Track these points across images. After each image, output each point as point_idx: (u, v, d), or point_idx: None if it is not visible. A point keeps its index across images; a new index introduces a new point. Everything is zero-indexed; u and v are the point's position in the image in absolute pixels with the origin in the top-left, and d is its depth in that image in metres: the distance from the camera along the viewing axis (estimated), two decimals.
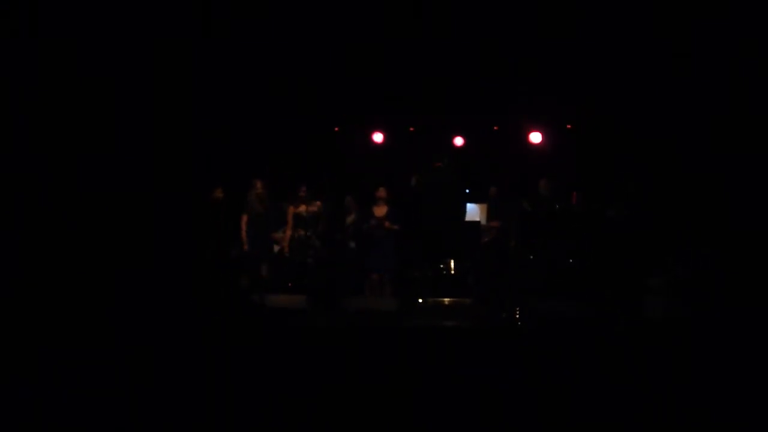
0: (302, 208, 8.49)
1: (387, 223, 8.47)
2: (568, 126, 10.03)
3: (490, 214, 8.40)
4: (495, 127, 10.33)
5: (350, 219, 8.75)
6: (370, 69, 8.98)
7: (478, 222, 8.39)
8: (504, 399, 4.73)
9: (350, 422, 4.41)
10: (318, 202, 8.56)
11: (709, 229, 8.15)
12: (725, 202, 8.25)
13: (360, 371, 5.21)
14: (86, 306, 6.87)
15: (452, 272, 9.26)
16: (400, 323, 7.44)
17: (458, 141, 10.36)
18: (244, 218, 8.36)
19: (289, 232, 8.58)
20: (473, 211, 8.44)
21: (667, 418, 4.39)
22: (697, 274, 7.69)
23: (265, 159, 9.50)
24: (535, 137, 9.99)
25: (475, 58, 8.76)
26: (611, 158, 9.28)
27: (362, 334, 6.48)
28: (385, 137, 10.51)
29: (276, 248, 8.72)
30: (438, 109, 10.12)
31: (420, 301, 8.22)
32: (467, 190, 9.61)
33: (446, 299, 7.75)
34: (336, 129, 10.63)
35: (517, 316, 7.63)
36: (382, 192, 8.57)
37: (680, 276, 7.76)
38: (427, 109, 10.12)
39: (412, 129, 10.56)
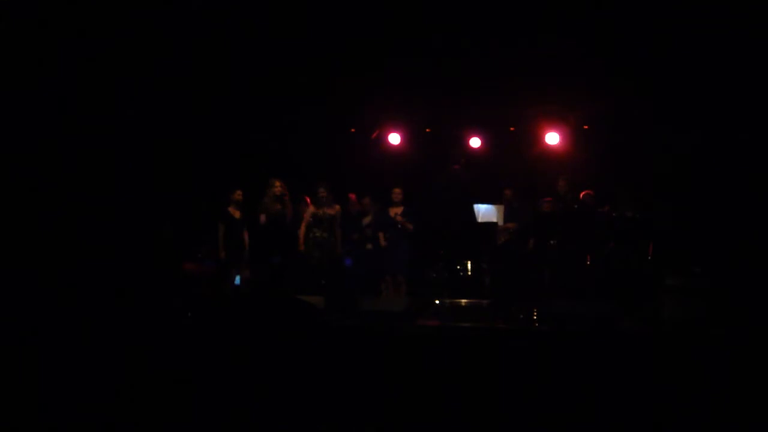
0: (320, 210, 8.49)
1: (399, 217, 8.45)
2: (585, 126, 9.99)
3: (507, 216, 8.38)
4: (511, 128, 10.31)
5: (367, 220, 8.76)
6: (386, 69, 8.99)
7: (495, 223, 8.37)
8: (521, 400, 4.72)
9: (368, 423, 4.42)
10: (337, 206, 8.55)
11: (725, 230, 8.12)
12: (742, 202, 8.21)
13: (376, 372, 5.21)
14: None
15: (469, 273, 9.25)
16: (417, 324, 7.44)
17: (475, 142, 10.34)
18: (262, 218, 8.35)
19: (303, 230, 8.56)
20: (490, 213, 8.42)
21: (681, 419, 4.37)
22: (714, 274, 7.66)
23: (281, 160, 9.55)
24: (552, 138, 9.96)
25: (490, 59, 8.75)
26: (628, 159, 9.24)
27: (378, 335, 6.48)
28: (402, 138, 10.52)
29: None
30: (454, 110, 10.12)
31: (437, 302, 8.22)
32: (483, 191, 9.61)
33: (463, 300, 7.74)
34: (352, 130, 10.65)
35: (535, 317, 7.61)
36: (398, 193, 8.57)
37: (698, 276, 7.73)
38: (444, 110, 10.13)
39: (428, 130, 10.55)
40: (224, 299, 7.78)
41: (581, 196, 8.20)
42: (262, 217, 8.37)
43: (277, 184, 8.33)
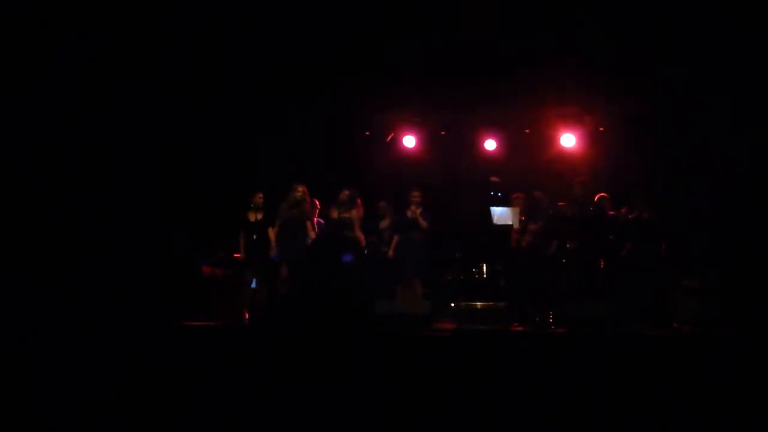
0: (335, 214, 8.53)
1: (414, 209, 8.43)
2: (601, 128, 9.97)
3: (529, 218, 8.36)
4: (527, 130, 10.30)
5: (384, 224, 8.76)
6: (401, 71, 9.00)
7: (510, 226, 8.33)
8: (536, 402, 4.73)
9: (384, 424, 4.44)
10: (353, 209, 8.57)
11: (741, 231, 8.08)
12: (759, 203, 8.17)
13: (392, 374, 5.23)
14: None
15: (484, 276, 9.24)
16: (432, 327, 7.45)
17: (490, 144, 10.34)
18: (277, 223, 8.40)
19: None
20: (505, 215, 8.37)
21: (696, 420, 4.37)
22: (730, 276, 7.63)
23: (296, 163, 9.59)
24: (567, 140, 9.93)
25: (505, 61, 8.75)
26: (644, 160, 9.21)
27: (394, 338, 6.50)
28: (417, 141, 10.53)
29: None
30: (470, 112, 10.12)
31: (452, 304, 8.22)
32: (499, 194, 9.59)
33: (478, 303, 7.74)
34: (367, 133, 10.68)
35: (551, 320, 7.61)
36: (416, 195, 8.56)
37: (714, 277, 7.70)
38: (459, 112, 10.13)
39: (443, 132, 10.57)
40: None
41: (596, 199, 8.17)
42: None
43: (300, 189, 8.32)
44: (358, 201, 8.92)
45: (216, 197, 9.41)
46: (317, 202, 8.75)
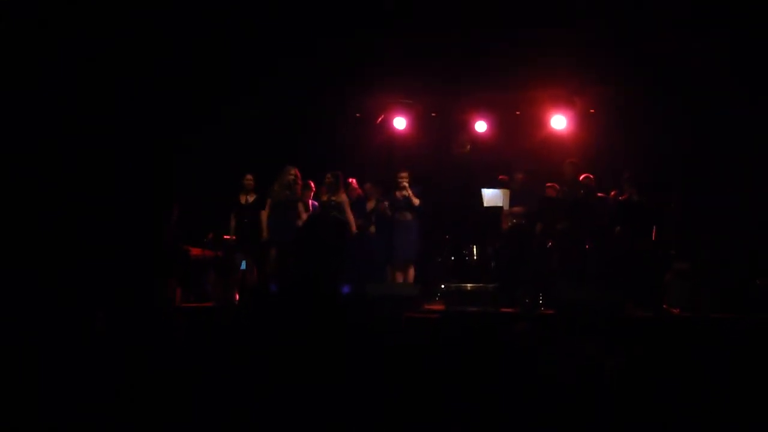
0: (324, 198, 8.49)
1: (404, 188, 8.41)
2: (591, 110, 9.94)
3: (515, 200, 8.34)
4: (517, 112, 10.26)
5: (370, 205, 8.74)
6: (392, 53, 8.95)
7: (501, 208, 8.32)
8: (526, 386, 4.73)
9: (379, 413, 4.44)
10: (343, 192, 8.54)
11: (734, 215, 8.09)
12: (749, 187, 8.19)
13: (383, 358, 5.23)
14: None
15: (474, 258, 9.24)
16: (423, 308, 7.46)
17: (480, 126, 10.29)
18: (268, 202, 8.37)
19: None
20: (496, 197, 8.36)
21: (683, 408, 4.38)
22: (721, 260, 7.65)
23: (288, 146, 9.55)
24: (558, 122, 9.89)
25: (496, 42, 8.71)
26: (635, 142, 9.21)
27: (383, 320, 6.49)
28: (407, 123, 10.48)
29: None
30: (460, 95, 10.08)
31: (442, 286, 8.22)
32: (489, 176, 9.58)
33: (468, 285, 7.74)
34: (358, 115, 10.63)
35: (540, 302, 7.62)
36: (404, 176, 8.52)
37: (705, 260, 7.72)
38: (450, 94, 10.08)
39: (434, 114, 10.52)
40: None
41: (581, 178, 8.13)
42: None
43: (292, 171, 8.29)
44: (354, 183, 8.90)
45: (207, 179, 9.37)
46: (312, 184, 8.71)
